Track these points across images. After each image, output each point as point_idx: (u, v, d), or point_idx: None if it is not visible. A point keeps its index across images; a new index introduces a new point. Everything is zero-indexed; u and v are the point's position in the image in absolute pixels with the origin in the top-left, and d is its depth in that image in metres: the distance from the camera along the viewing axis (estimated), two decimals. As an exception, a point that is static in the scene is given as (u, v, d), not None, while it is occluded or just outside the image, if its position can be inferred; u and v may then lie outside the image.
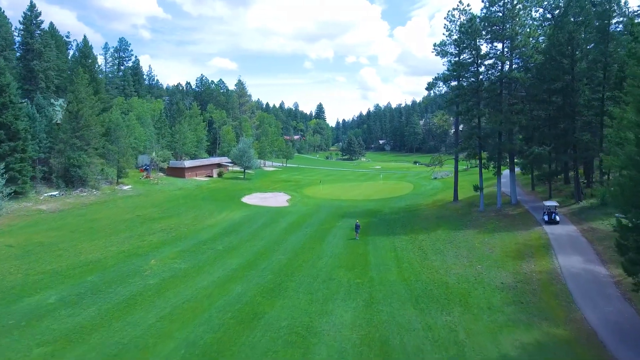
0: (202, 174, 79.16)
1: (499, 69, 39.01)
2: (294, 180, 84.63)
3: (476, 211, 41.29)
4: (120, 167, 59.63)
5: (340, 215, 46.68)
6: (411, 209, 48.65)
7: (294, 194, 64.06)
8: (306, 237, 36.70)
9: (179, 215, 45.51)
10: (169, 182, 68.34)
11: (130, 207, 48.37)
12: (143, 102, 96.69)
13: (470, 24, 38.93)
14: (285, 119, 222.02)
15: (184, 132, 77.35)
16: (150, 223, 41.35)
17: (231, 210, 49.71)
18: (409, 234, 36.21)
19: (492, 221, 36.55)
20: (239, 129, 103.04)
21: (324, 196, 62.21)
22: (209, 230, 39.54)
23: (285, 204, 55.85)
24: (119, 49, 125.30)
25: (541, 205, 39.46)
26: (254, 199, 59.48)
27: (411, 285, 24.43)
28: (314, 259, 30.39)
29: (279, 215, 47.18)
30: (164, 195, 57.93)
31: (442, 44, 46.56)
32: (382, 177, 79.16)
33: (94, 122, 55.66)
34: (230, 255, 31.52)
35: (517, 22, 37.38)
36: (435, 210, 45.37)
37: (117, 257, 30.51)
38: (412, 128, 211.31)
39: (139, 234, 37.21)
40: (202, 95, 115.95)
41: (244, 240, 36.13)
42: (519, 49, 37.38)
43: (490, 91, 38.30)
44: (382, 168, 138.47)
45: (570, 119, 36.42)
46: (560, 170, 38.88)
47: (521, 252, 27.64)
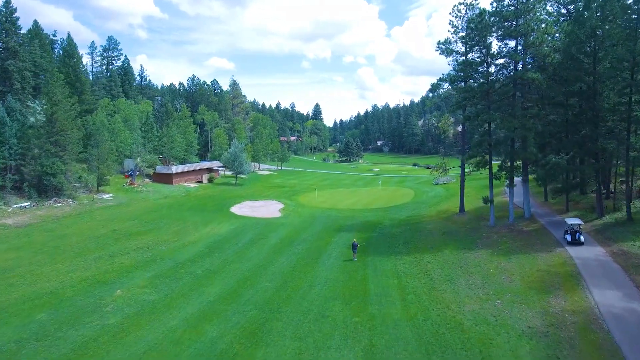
0: (192, 179, 75.04)
1: (512, 68, 35.13)
2: (289, 185, 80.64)
3: (486, 226, 37.43)
4: (100, 175, 55.48)
5: (337, 228, 42.73)
6: (413, 220, 44.74)
7: (287, 202, 60.06)
8: (298, 258, 32.72)
9: (159, 230, 41.44)
10: (154, 189, 64.20)
11: (107, 220, 44.25)
12: (130, 103, 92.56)
13: (480, 20, 35.05)
14: (282, 119, 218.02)
15: (172, 136, 73.18)
16: (125, 240, 37.27)
17: (218, 222, 45.67)
18: (412, 254, 32.29)
19: (506, 239, 32.68)
20: (232, 131, 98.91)
21: (320, 204, 58.26)
22: (190, 248, 35.49)
23: (278, 214, 51.83)
24: (107, 48, 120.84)
25: (558, 220, 35.71)
26: (244, 208, 55.44)
27: (419, 326, 20.50)
28: (305, 287, 26.43)
29: (269, 228, 43.19)
30: (147, 205, 53.80)
31: (447, 42, 42.80)
32: (381, 183, 75.27)
33: (70, 127, 51.47)
34: (210, 282, 27.52)
35: (532, 17, 33.51)
36: (440, 224, 41.48)
37: (78, 286, 26.44)
38: (410, 129, 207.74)
39: (110, 254, 33.13)
40: (194, 96, 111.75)
41: (228, 261, 32.11)
42: (534, 47, 33.52)
43: (502, 94, 34.46)
44: (381, 171, 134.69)
45: (593, 124, 32.61)
46: (581, 183, 35.12)
47: (546, 283, 23.75)
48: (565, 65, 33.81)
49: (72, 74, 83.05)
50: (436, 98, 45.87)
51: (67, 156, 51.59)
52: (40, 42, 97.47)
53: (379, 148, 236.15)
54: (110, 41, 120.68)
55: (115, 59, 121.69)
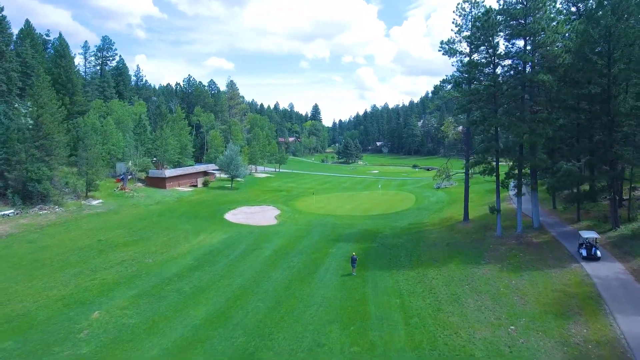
0: (186, 183, 72.89)
1: (520, 70, 33.04)
2: (286, 189, 78.51)
3: (493, 236, 35.36)
4: (89, 180, 53.29)
5: (335, 238, 40.63)
6: (415, 229, 42.65)
7: (284, 207, 57.94)
8: (293, 273, 30.62)
9: (147, 240, 39.30)
10: (146, 194, 62.03)
11: (93, 229, 42.08)
12: (124, 105, 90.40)
13: (487, 18, 32.94)
14: (280, 120, 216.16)
15: (166, 138, 71.01)
16: (110, 252, 35.12)
17: (210, 231, 43.55)
18: (415, 268, 30.20)
19: (515, 252, 30.61)
20: (228, 133, 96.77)
21: (317, 210, 56.16)
22: (178, 261, 33.36)
23: (273, 221, 49.71)
24: (102, 48, 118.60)
25: (570, 231, 33.68)
26: (239, 214, 53.30)
27: (425, 358, 18.43)
28: (299, 307, 24.33)
29: (264, 237, 41.08)
30: (137, 211, 51.62)
31: (451, 42, 40.78)
32: (381, 187, 73.22)
33: (57, 130, 49.28)
34: (197, 302, 25.41)
35: (542, 16, 31.44)
36: (444, 233, 39.39)
37: (53, 307, 24.32)
38: (410, 130, 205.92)
39: (92, 268, 30.99)
40: (190, 97, 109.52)
41: (218, 276, 30.00)
42: (544, 47, 31.43)
43: (509, 97, 32.34)
44: (380, 173, 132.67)
45: (607, 130, 30.56)
46: (596, 191, 33.07)
47: (563, 305, 21.68)
48: (577, 67, 31.78)
49: (63, 74, 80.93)
50: (438, 100, 43.69)
51: (54, 161, 49.40)
52: (32, 42, 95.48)
53: (378, 149, 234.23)
54: (104, 41, 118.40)
55: (109, 59, 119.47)
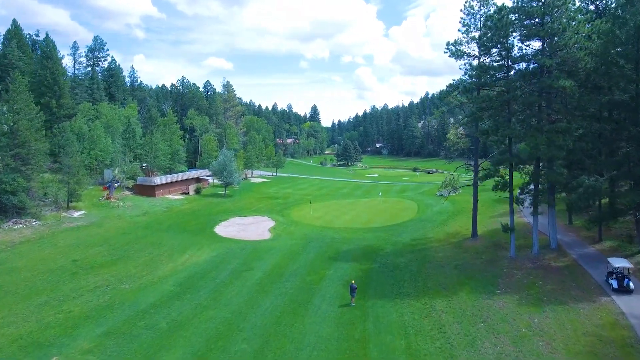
0: (177, 190, 69.55)
1: (537, 74, 29.78)
2: (282, 196, 75.22)
3: (506, 258, 32.13)
4: (70, 190, 49.95)
5: (332, 256, 37.39)
6: (419, 246, 39.39)
7: (279, 218, 54.65)
8: (285, 301, 27.36)
9: (128, 259, 36.00)
10: (134, 203, 58.69)
11: (70, 247, 38.76)
12: (114, 107, 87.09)
13: (499, 17, 29.68)
14: (278, 121, 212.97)
15: (156, 144, 67.69)
16: (84, 275, 31.83)
17: (198, 247, 40.28)
18: (421, 297, 26.99)
19: (533, 279, 27.39)
20: (223, 136, 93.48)
21: (314, 221, 52.89)
22: (158, 287, 30.08)
23: (267, 235, 46.44)
24: (93, 49, 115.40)
25: (592, 253, 30.49)
26: (230, 227, 50.01)
27: None
28: (290, 350, 21.12)
29: (256, 255, 37.82)
30: (121, 224, 48.29)
31: (458, 43, 37.57)
32: (381, 195, 69.98)
33: (34, 138, 45.94)
34: (173, 342, 22.14)
35: (562, 14, 28.22)
36: (451, 252, 36.14)
37: (6, 350, 21.06)
38: (410, 131, 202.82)
39: (61, 297, 27.71)
40: (184, 99, 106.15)
41: (200, 306, 26.74)
42: (566, 48, 28.20)
43: (526, 104, 29.08)
44: (380, 176, 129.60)
45: (636, 142, 27.35)
46: (620, 210, 29.81)
47: (599, 356, 18.46)
48: (601, 71, 28.57)
49: (49, 76, 77.63)
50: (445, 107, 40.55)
51: (32, 170, 46.08)
52: (19, 42, 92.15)
53: (377, 150, 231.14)
54: (96, 41, 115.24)
55: (101, 60, 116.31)
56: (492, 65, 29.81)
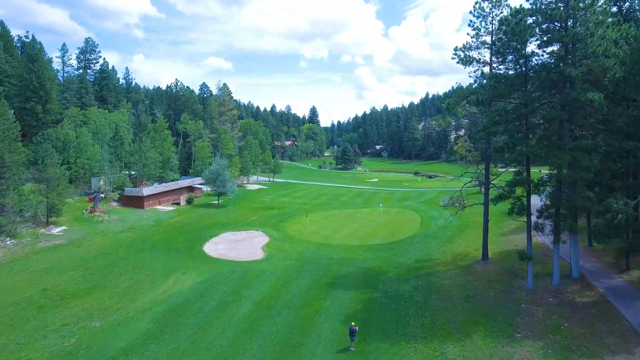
0: (167, 201, 66.25)
1: (559, 85, 26.48)
2: (279, 205, 71.87)
3: (523, 289, 28.83)
4: (49, 205, 46.63)
5: (329, 282, 34.08)
6: (425, 270, 36.07)
7: (273, 233, 51.30)
8: (275, 344, 24.04)
9: (105, 287, 32.68)
10: (120, 216, 55.38)
11: (42, 271, 35.43)
12: (104, 112, 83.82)
13: (517, 21, 26.34)
14: (276, 124, 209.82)
15: (146, 151, 64.34)
16: (52, 308, 28.52)
17: (184, 270, 36.96)
18: (430, 340, 23.68)
19: (557, 319, 24.10)
20: (218, 142, 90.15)
21: (311, 237, 49.55)
22: (133, 324, 26.75)
23: (259, 254, 43.11)
24: (85, 50, 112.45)
25: (620, 285, 27.26)
26: (221, 244, 46.67)
27: None
28: (278, 418, 17.79)
29: (246, 280, 34.50)
30: (103, 242, 44.95)
31: (467, 48, 34.49)
32: (382, 205, 66.66)
33: (8, 150, 42.59)
34: (141, 404, 18.83)
35: (588, 17, 24.91)
36: (460, 279, 32.81)
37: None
38: (410, 133, 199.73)
39: (20, 340, 24.37)
40: (177, 103, 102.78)
41: (178, 351, 23.40)
42: (592, 56, 24.90)
43: (547, 119, 25.77)
44: (380, 181, 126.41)
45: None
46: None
47: None
48: (632, 82, 25.28)
49: (35, 80, 74.33)
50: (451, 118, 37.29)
51: (7, 185, 42.76)
52: (6, 45, 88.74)
53: (377, 153, 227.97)
54: (87, 43, 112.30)
55: (93, 62, 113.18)
56: (508, 75, 26.48)
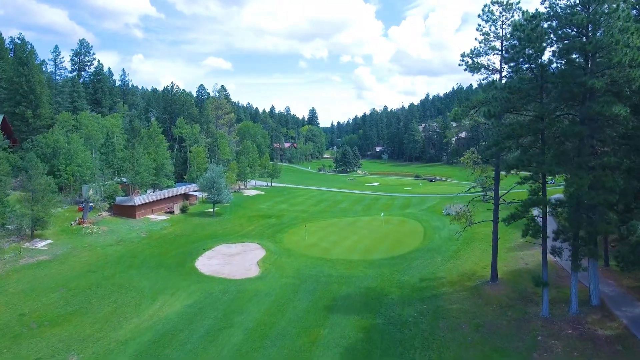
0: (161, 209, 63.96)
1: (579, 97, 24.23)
2: (276, 213, 69.59)
3: (538, 317, 26.55)
4: (34, 217, 44.35)
5: (328, 304, 31.83)
6: (430, 290, 33.79)
7: (270, 246, 49.01)
8: (267, 385, 21.80)
9: (86, 312, 30.41)
10: (110, 227, 53.09)
11: (22, 293, 33.14)
12: (97, 116, 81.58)
13: (533, 26, 24.08)
14: (275, 125, 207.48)
15: (138, 158, 62.05)
16: (27, 338, 26.23)
17: (173, 290, 34.71)
18: (439, 379, 21.43)
19: (579, 357, 21.82)
20: (215, 146, 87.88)
21: (309, 250, 47.28)
22: (114, 357, 24.47)
23: (255, 270, 40.83)
24: (79, 52, 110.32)
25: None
26: (214, 259, 44.38)
27: None
28: None
29: (238, 304, 32.22)
30: (90, 258, 42.66)
31: (475, 54, 32.36)
32: (383, 215, 64.38)
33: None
34: None
35: (613, 23, 22.65)
36: (469, 303, 30.53)
37: None
38: (411, 135, 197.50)
39: (-14, 379, 22.14)
40: (173, 106, 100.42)
41: (161, 393, 21.16)
42: (616, 67, 22.66)
43: (566, 135, 23.52)
44: (380, 185, 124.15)
45: None
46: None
47: None
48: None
49: (25, 84, 72.08)
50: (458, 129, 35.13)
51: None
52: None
53: (377, 155, 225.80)
54: (81, 44, 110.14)
55: (87, 64, 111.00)
56: (523, 86, 24.21)
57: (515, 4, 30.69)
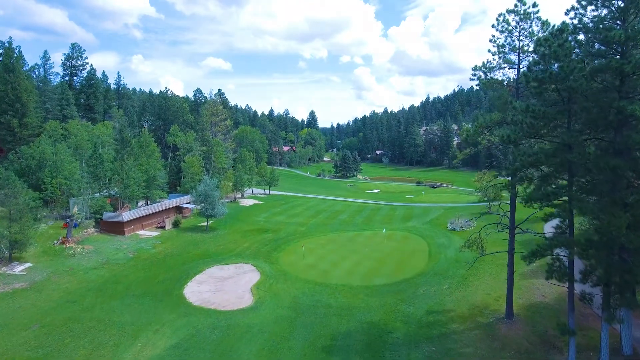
0: (152, 224, 60.92)
1: (614, 124, 21.20)
2: (273, 227, 66.53)
3: (563, 370, 23.58)
4: (12, 240, 41.31)
5: (327, 345, 28.80)
6: (438, 327, 30.76)
7: (265, 267, 45.96)
8: None
9: (59, 355, 27.35)
10: (96, 247, 50.03)
11: (-11, 332, 30.09)
12: (86, 124, 78.61)
13: (561, 42, 21.05)
14: (274, 129, 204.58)
15: (128, 171, 59.02)
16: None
17: (158, 326, 31.64)
18: None
19: None
20: (210, 155, 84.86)
21: (307, 273, 44.23)
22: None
23: (248, 298, 37.73)
24: (71, 57, 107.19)
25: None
26: (205, 284, 41.34)
27: None
28: None
29: (227, 344, 29.17)
30: (70, 284, 39.59)
31: (488, 68, 29.61)
32: (385, 231, 61.32)
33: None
34: None
35: (653, 40, 19.67)
36: (483, 347, 27.49)
37: None
38: (412, 139, 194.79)
39: None
40: (167, 113, 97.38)
41: None
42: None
43: (602, 169, 20.51)
44: (381, 192, 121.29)
45: None
46: None
47: None
48: None
49: (10, 92, 69.13)
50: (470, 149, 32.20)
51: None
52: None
53: (378, 158, 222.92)
54: (73, 48, 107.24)
55: (80, 69, 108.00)
56: (549, 111, 21.19)
57: (534, 13, 27.74)
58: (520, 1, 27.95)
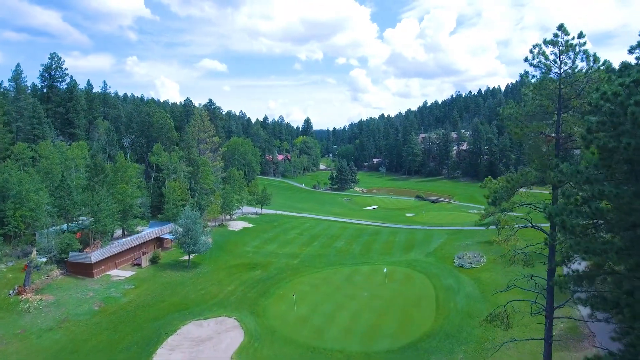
0: (126, 262, 54.80)
1: None
2: (263, 261, 60.55)
3: None
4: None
5: None
6: None
7: (250, 323, 39.97)
8: None
9: None
10: (57, 296, 43.87)
11: None
12: (60, 144, 72.41)
13: (616, 94, 15.36)
14: (268, 138, 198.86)
15: (99, 202, 52.91)
16: None
17: None
18: None
19: None
20: (197, 175, 78.80)
21: (298, 331, 38.32)
22: None
23: (227, 374, 31.83)
24: (49, 67, 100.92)
25: None
26: (178, 349, 35.20)
27: None
28: None
29: None
30: (18, 355, 33.40)
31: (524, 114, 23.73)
32: (386, 270, 55.38)
33: None
34: None
35: None
36: None
37: None
38: (410, 148, 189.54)
39: None
40: (150, 130, 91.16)
41: None
42: None
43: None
44: (380, 209, 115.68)
45: None
46: None
47: None
48: None
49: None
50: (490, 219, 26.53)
51: None
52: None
53: (375, 167, 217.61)
54: (52, 59, 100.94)
55: (59, 81, 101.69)
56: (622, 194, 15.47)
57: (580, 46, 22.05)
58: (562, 29, 22.28)
